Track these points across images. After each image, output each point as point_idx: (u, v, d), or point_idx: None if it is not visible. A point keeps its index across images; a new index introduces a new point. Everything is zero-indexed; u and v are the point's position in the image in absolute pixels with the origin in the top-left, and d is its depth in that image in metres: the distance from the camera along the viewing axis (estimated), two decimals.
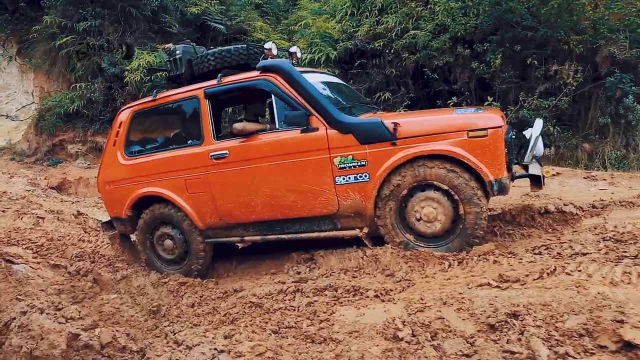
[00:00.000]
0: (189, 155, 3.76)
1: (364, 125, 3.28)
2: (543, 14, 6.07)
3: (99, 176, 4.25)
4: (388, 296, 2.71)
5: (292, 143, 3.40)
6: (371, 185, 3.23)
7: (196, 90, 3.72)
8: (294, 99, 3.38)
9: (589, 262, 2.34)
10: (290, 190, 3.44)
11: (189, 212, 3.80)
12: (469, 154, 3.00)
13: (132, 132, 4.10)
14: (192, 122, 3.83)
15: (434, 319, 2.25)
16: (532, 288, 2.30)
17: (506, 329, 2.04)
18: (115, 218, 4.22)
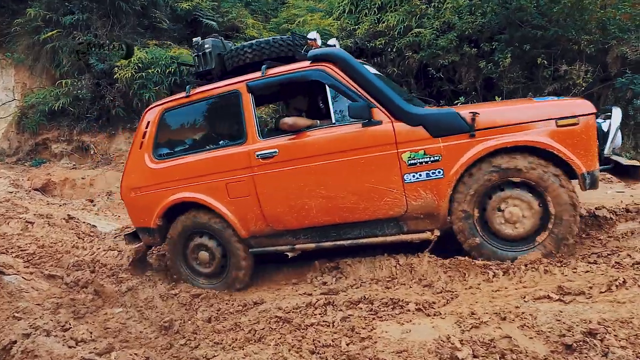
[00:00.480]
0: (230, 155, 3.40)
1: (437, 116, 3.02)
2: (554, 13, 5.95)
3: (122, 182, 3.86)
4: (432, 309, 2.49)
5: (353, 138, 3.10)
6: (446, 183, 2.94)
7: (237, 84, 3.39)
8: (353, 90, 3.09)
9: None
10: (351, 190, 3.13)
11: (230, 219, 3.42)
12: (559, 144, 2.75)
13: (161, 132, 3.73)
14: (233, 119, 3.50)
15: (498, 338, 2.03)
16: (602, 302, 2.11)
17: (586, 349, 1.84)
18: (142, 228, 3.79)
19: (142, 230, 3.81)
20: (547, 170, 2.75)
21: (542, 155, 2.78)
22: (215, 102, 3.56)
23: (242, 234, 3.43)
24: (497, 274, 2.74)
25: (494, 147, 2.82)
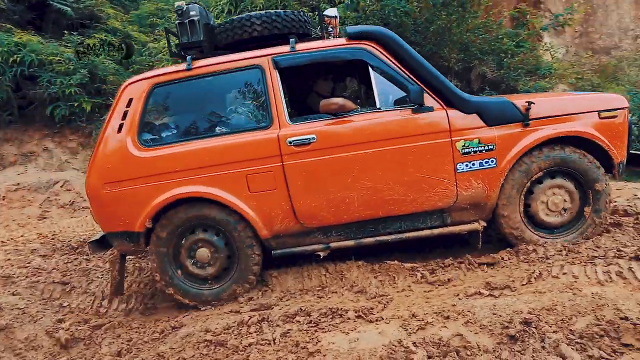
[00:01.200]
0: (252, 142, 2.92)
1: (493, 105, 2.95)
2: (430, 32, 6.59)
3: (90, 175, 3.04)
4: (372, 315, 2.50)
5: (403, 125, 2.89)
6: (499, 172, 2.90)
7: (259, 58, 2.95)
8: (400, 72, 2.89)
9: (570, 264, 2.51)
10: (399, 181, 2.92)
11: (251, 216, 2.93)
12: (602, 135, 2.89)
13: (150, 112, 3.07)
14: (253, 99, 3.06)
15: (449, 337, 2.13)
16: (526, 294, 2.36)
17: (527, 337, 2.03)
18: (120, 233, 3.03)
19: (119, 235, 3.03)
20: (592, 162, 2.90)
21: (585, 145, 2.91)
22: (228, 78, 3.03)
23: (263, 233, 2.99)
24: (424, 275, 2.89)
25: (546, 136, 2.88)
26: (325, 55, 2.98)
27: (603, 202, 2.93)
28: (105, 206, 3.01)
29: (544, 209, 2.98)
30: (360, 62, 2.97)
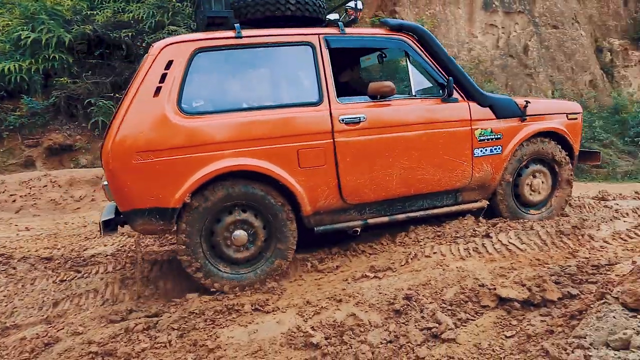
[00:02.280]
0: (305, 117, 2.89)
1: (502, 101, 3.46)
2: None
3: (116, 142, 2.62)
4: (269, 306, 2.58)
5: (437, 111, 3.22)
6: (503, 158, 3.43)
7: (311, 35, 2.99)
8: (432, 65, 3.26)
9: (439, 245, 2.90)
10: (431, 162, 3.19)
11: (299, 192, 2.85)
12: (568, 132, 3.66)
13: (193, 78, 2.77)
14: (304, 75, 3.02)
15: (344, 317, 2.31)
16: (405, 273, 2.67)
17: (409, 310, 2.31)
18: (151, 210, 2.67)
19: (148, 212, 2.66)
20: (560, 151, 3.64)
21: (557, 139, 3.62)
22: (279, 51, 2.96)
23: (307, 210, 2.92)
24: (314, 265, 3.05)
25: (537, 130, 3.53)
26: (371, 41, 3.24)
27: (566, 179, 3.72)
28: (134, 178, 2.64)
29: (529, 189, 3.64)
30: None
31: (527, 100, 3.54)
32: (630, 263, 2.36)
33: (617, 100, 12.29)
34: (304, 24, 3.14)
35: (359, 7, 3.40)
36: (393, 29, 3.27)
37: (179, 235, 2.76)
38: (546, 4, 13.03)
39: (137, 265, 3.01)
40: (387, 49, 3.38)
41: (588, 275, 2.35)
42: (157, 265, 3.33)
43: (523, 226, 3.02)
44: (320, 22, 3.24)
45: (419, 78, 3.28)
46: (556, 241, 2.82)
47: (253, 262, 2.92)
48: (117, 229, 2.94)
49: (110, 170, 2.65)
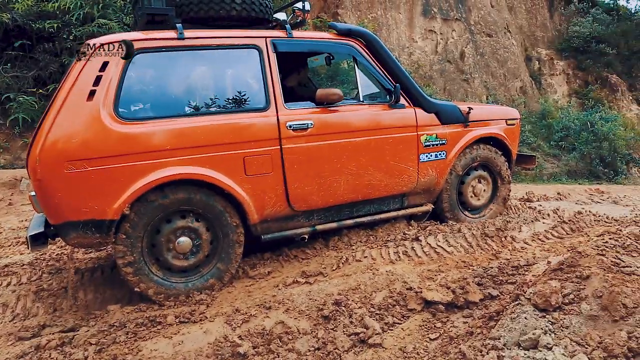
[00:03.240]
0: (251, 124, 2.80)
1: (446, 107, 3.50)
2: None
3: (42, 151, 2.39)
4: (195, 316, 2.49)
5: (383, 117, 3.22)
6: (447, 163, 3.50)
7: (257, 39, 2.89)
8: (379, 71, 3.25)
9: (369, 249, 2.91)
10: (378, 168, 3.20)
11: (245, 200, 2.77)
12: (507, 137, 3.80)
13: (129, 81, 2.58)
14: (249, 79, 2.91)
15: (273, 325, 2.27)
16: (336, 278, 2.67)
17: (338, 316, 2.30)
18: (86, 222, 2.48)
19: (83, 224, 2.48)
20: (500, 156, 3.79)
21: (496, 145, 3.76)
22: (223, 54, 2.84)
23: (254, 218, 2.84)
24: (246, 270, 2.98)
25: (479, 135, 3.64)
26: (319, 45, 3.21)
27: (506, 184, 3.89)
28: (66, 189, 2.42)
29: (472, 194, 3.77)
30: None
31: (470, 106, 3.64)
32: (546, 263, 2.49)
33: (544, 106, 13.15)
34: (249, 24, 3.05)
35: (307, 8, 3.34)
36: (341, 34, 3.24)
37: (118, 249, 2.59)
38: (481, 13, 13.68)
39: (69, 284, 2.79)
40: (335, 53, 3.35)
41: (508, 276, 2.46)
42: (77, 274, 3.11)
43: (451, 229, 3.12)
44: (266, 23, 3.15)
45: (366, 83, 3.28)
46: (481, 243, 2.93)
47: (198, 269, 2.80)
48: (47, 243, 2.67)
49: (39, 180, 2.41)
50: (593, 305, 1.75)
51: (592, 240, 2.21)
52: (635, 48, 15.21)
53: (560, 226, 3.20)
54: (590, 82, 14.79)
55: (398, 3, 11.90)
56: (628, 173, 10.97)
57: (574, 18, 15.75)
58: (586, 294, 1.79)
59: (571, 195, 5.73)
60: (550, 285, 1.87)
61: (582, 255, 2.01)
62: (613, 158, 10.76)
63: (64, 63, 7.09)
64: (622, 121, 12.41)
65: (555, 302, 1.81)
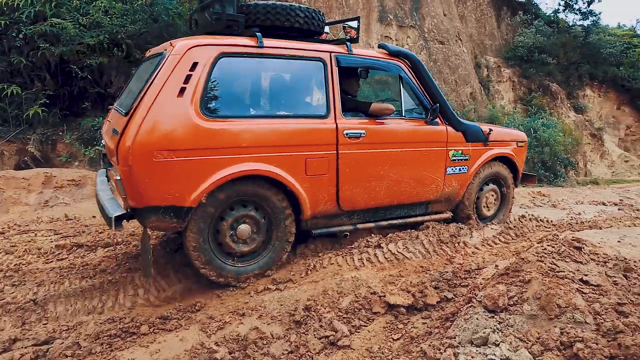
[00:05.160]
0: (315, 129, 3.11)
1: (471, 127, 3.89)
2: None
3: (137, 138, 2.61)
4: (171, 324, 2.58)
5: (422, 132, 3.60)
6: (468, 176, 3.92)
7: (323, 52, 3.21)
8: (420, 90, 3.62)
9: (335, 256, 3.10)
10: (412, 176, 3.58)
11: (303, 197, 3.07)
12: (517, 157, 4.26)
13: (214, 81, 2.86)
14: (315, 88, 3.26)
15: (248, 331, 2.40)
16: (305, 284, 2.83)
17: (308, 320, 2.47)
18: (166, 207, 2.72)
19: (163, 210, 2.71)
20: (509, 173, 4.26)
21: (506, 163, 4.21)
22: (295, 64, 3.15)
23: (307, 214, 3.16)
24: None
25: (496, 154, 4.08)
26: (373, 63, 3.51)
27: (511, 198, 4.44)
28: (153, 176, 2.66)
29: (484, 205, 4.22)
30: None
31: (491, 128, 4.11)
32: (494, 267, 2.76)
33: (492, 112, 13.89)
34: (304, 36, 3.35)
35: (354, 25, 3.69)
36: (391, 54, 3.61)
37: (188, 234, 2.85)
38: (434, 21, 14.26)
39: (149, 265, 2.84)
40: (385, 71, 3.62)
41: (461, 280, 2.72)
42: (43, 286, 3.10)
43: (410, 236, 3.36)
44: (318, 35, 3.47)
45: (408, 100, 3.63)
46: (437, 249, 3.19)
47: (255, 255, 3.09)
48: (122, 226, 2.82)
49: (129, 166, 2.62)
50: (533, 305, 2.01)
51: (533, 247, 2.50)
52: (572, 59, 16.35)
53: (506, 232, 3.52)
54: (533, 90, 15.76)
55: (355, 9, 12.20)
56: (566, 176, 11.83)
57: (519, 29, 16.71)
58: (528, 296, 2.06)
59: (516, 199, 6.18)
60: (498, 289, 2.13)
61: (525, 262, 2.29)
62: (553, 162, 11.55)
63: (13, 62, 6.82)
64: (561, 127, 13.35)
65: (502, 304, 2.06)
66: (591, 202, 7.10)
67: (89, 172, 6.32)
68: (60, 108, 7.16)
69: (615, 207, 6.76)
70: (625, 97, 17.46)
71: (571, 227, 3.73)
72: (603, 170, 15.26)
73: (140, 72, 3.32)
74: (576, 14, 17.02)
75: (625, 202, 7.38)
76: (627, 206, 6.83)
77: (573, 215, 5.64)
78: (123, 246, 3.90)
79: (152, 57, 3.13)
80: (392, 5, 13.12)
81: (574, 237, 2.77)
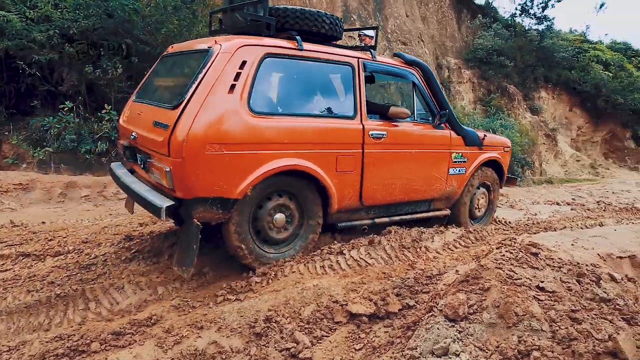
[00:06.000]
0: (345, 129, 3.35)
1: (470, 132, 4.23)
2: (161, 34, 6.47)
3: (191, 131, 2.69)
4: (124, 340, 2.45)
5: (431, 135, 3.92)
6: (466, 177, 4.25)
7: (352, 58, 3.48)
8: (429, 96, 3.92)
9: (297, 264, 3.04)
10: (422, 176, 3.87)
11: (332, 192, 3.30)
12: (503, 160, 4.64)
13: (260, 80, 3.01)
14: (344, 91, 3.48)
15: (206, 345, 2.31)
16: (266, 293, 2.75)
17: (270, 332, 2.41)
18: (214, 199, 2.82)
19: (211, 201, 2.82)
20: (495, 176, 4.65)
21: (493, 166, 4.57)
22: (327, 67, 3.39)
23: (334, 208, 3.36)
24: (175, 288, 2.96)
25: (488, 158, 4.42)
26: (392, 70, 3.80)
27: (496, 202, 4.83)
28: (204, 167, 2.75)
29: (476, 206, 4.56)
30: None
31: (485, 134, 4.51)
32: (454, 273, 2.79)
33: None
34: (326, 41, 3.57)
35: (370, 34, 4.11)
36: (407, 62, 3.94)
37: (231, 225, 2.96)
38: (397, 22, 14.43)
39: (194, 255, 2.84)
40: (402, 77, 3.90)
41: (423, 286, 2.72)
42: None
43: (371, 242, 3.35)
44: (336, 40, 3.69)
45: (418, 105, 3.93)
46: (399, 254, 3.19)
47: (288, 242, 3.28)
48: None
49: (182, 158, 2.70)
50: (492, 314, 2.03)
51: (492, 253, 2.53)
52: (528, 62, 16.96)
53: (467, 235, 3.57)
54: (492, 91, 16.24)
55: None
56: (523, 176, 12.25)
57: (479, 31, 17.18)
58: (487, 304, 2.07)
59: None
60: (458, 298, 2.14)
61: (484, 269, 2.31)
62: (511, 162, 11.93)
63: None
64: (518, 128, 13.82)
65: (462, 312, 2.07)
66: (546, 201, 7.37)
67: (39, 174, 6.00)
68: (6, 106, 6.76)
69: (569, 206, 7.04)
70: (576, 99, 18.29)
71: (528, 229, 3.83)
72: (557, 169, 15.93)
73: (171, 67, 3.49)
74: (532, 19, 17.65)
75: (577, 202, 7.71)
76: (578, 206, 7.13)
77: (530, 215, 5.83)
78: (75, 255, 3.70)
79: (190, 53, 3.23)
80: (356, 6, 13.17)
81: (530, 242, 2.84)
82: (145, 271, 3.26)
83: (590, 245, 3.07)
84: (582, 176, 15.59)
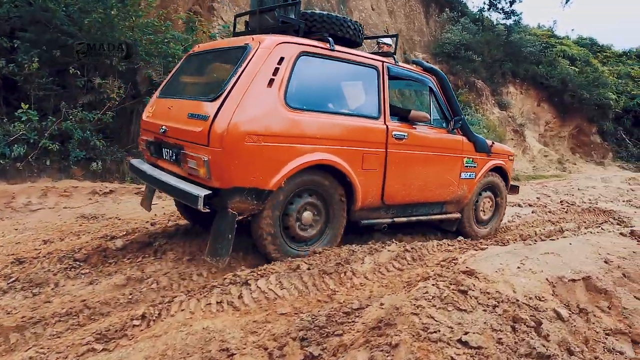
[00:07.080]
0: (371, 128, 3.46)
1: (480, 139, 4.40)
2: (85, 24, 5.81)
3: (231, 122, 2.74)
4: None
5: (446, 139, 4.07)
6: (475, 182, 4.39)
7: (377, 61, 3.64)
8: (444, 102, 4.09)
9: (188, 299, 2.50)
10: (437, 178, 3.98)
11: (358, 189, 3.35)
12: (508, 167, 4.81)
13: (295, 76, 3.06)
14: (370, 92, 3.59)
15: None
16: (143, 340, 2.21)
17: None
18: (250, 190, 2.84)
19: (246, 191, 2.83)
20: (502, 182, 4.82)
21: (499, 173, 4.76)
22: (355, 68, 3.51)
23: (358, 205, 3.41)
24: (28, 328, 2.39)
25: (495, 164, 4.61)
26: (412, 75, 3.96)
27: (504, 208, 4.98)
28: (242, 158, 2.80)
29: (481, 210, 4.69)
30: None
31: (492, 142, 4.66)
32: (378, 305, 2.31)
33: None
34: (349, 45, 3.61)
35: (387, 42, 4.65)
36: (425, 69, 4.13)
37: (262, 219, 3.00)
38: (362, 15, 13.95)
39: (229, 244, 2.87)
40: (420, 83, 4.04)
41: (336, 326, 2.22)
42: None
43: (288, 267, 2.83)
44: (358, 45, 3.75)
45: (434, 111, 4.07)
46: (317, 282, 2.69)
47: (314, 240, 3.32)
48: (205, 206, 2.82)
49: (222, 148, 2.73)
50: None
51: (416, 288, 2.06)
52: (496, 56, 16.75)
53: (403, 255, 3.11)
54: (460, 86, 15.95)
55: None
56: None
57: (447, 25, 16.86)
58: None
59: None
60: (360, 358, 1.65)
61: (399, 314, 1.84)
62: None
63: None
64: (485, 124, 13.55)
65: None
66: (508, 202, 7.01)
67: None
68: None
69: (530, 208, 6.71)
70: (544, 94, 18.21)
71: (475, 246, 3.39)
72: (525, 165, 15.78)
73: (201, 64, 3.59)
74: (499, 13, 17.45)
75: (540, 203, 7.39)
76: (540, 207, 6.81)
77: None
78: None
79: (225, 50, 3.36)
80: None
81: (467, 269, 2.38)
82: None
83: (540, 267, 2.64)
84: (550, 172, 15.48)
